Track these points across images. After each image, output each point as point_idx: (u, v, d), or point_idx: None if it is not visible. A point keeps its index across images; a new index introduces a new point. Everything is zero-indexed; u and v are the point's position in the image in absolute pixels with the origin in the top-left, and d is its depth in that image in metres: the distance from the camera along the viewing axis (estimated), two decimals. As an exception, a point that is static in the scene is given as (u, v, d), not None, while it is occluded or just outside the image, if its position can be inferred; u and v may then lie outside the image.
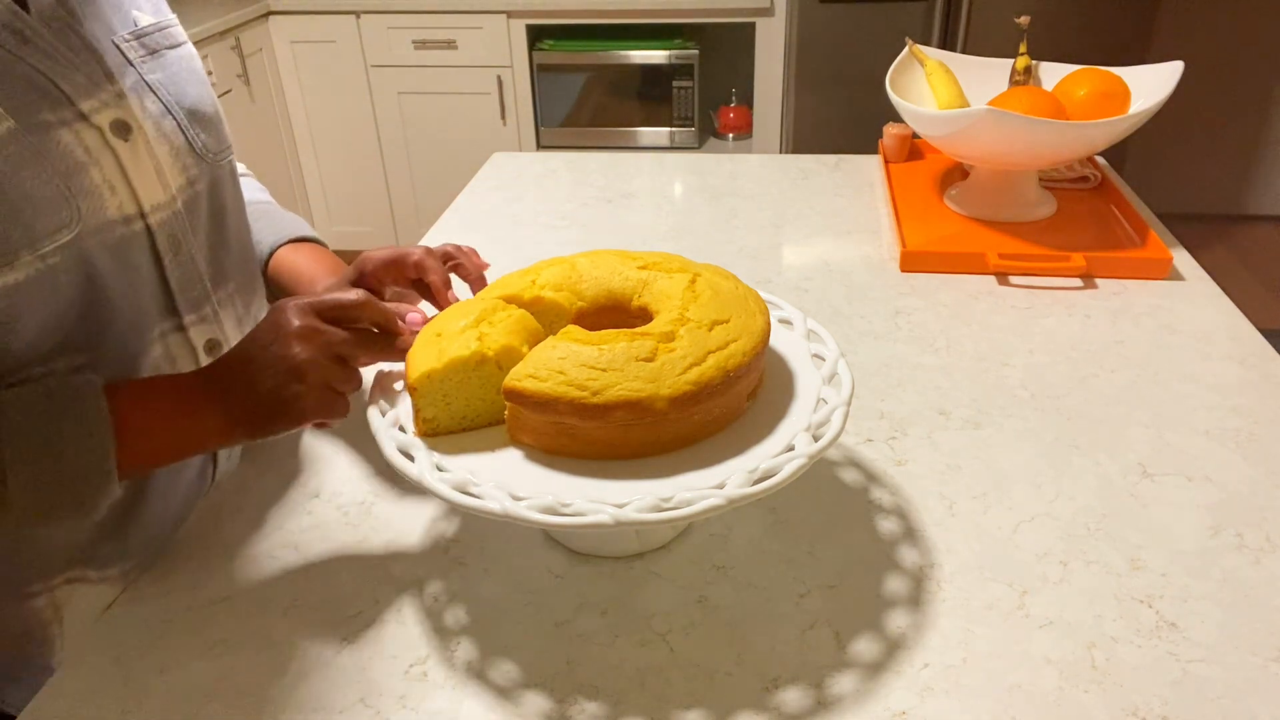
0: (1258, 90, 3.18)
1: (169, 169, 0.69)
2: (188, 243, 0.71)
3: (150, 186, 0.67)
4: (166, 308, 0.70)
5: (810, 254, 1.19)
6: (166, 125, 0.69)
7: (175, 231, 0.69)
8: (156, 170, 0.67)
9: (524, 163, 1.53)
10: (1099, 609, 0.65)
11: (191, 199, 0.71)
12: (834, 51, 2.57)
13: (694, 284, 0.68)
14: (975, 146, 1.14)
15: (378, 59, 2.86)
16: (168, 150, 0.69)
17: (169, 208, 0.69)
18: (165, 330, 0.70)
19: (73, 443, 0.57)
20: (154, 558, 0.72)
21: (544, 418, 0.61)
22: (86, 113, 0.62)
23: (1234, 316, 1.02)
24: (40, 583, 0.69)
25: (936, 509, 0.75)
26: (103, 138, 0.63)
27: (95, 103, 0.63)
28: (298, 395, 0.61)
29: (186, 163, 0.71)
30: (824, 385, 0.67)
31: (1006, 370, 0.93)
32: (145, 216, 0.66)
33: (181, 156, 0.70)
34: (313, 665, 0.63)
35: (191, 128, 0.72)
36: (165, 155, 0.68)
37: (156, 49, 0.71)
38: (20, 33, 0.60)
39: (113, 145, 0.64)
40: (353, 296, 0.64)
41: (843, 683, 0.60)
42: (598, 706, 0.59)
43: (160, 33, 0.72)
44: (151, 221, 0.67)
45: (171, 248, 0.69)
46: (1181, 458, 0.80)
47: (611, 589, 0.68)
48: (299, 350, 0.61)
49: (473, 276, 0.77)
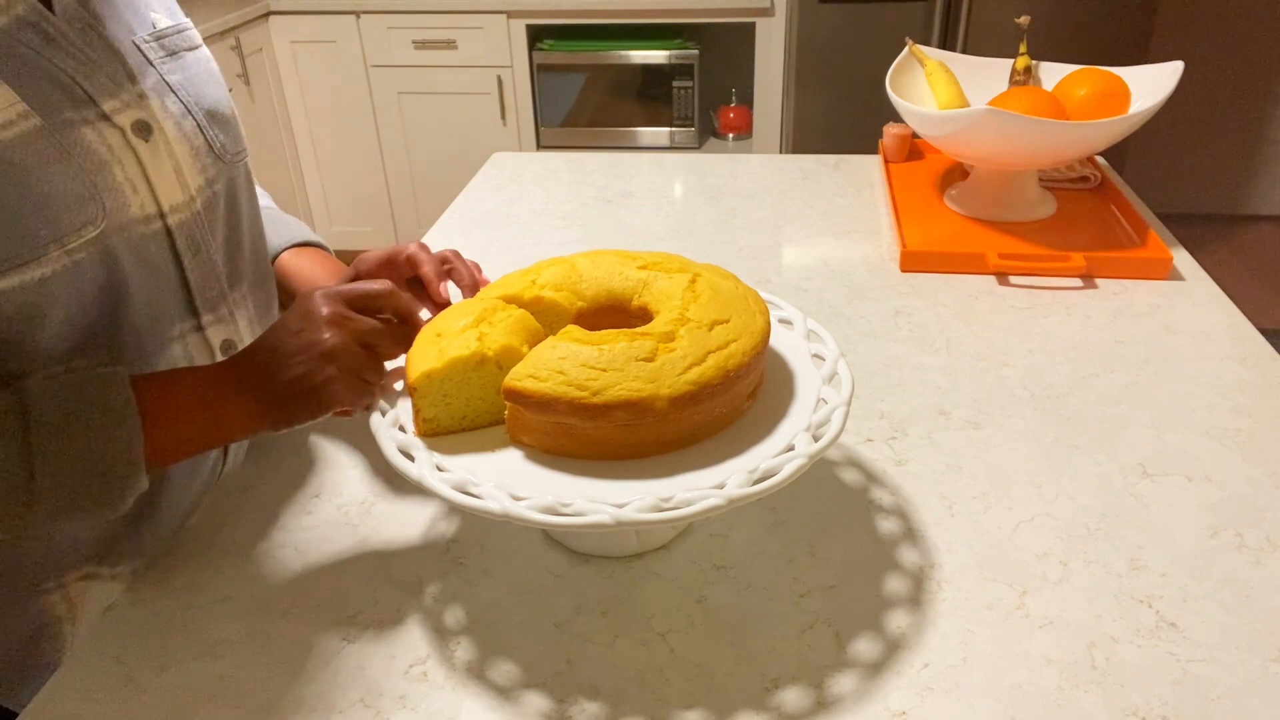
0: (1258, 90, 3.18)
1: (188, 170, 0.69)
2: (206, 243, 0.71)
3: (169, 187, 0.67)
4: (186, 308, 0.70)
5: (810, 254, 1.19)
6: (187, 126, 0.69)
7: (194, 232, 0.70)
8: (176, 171, 0.68)
9: (524, 163, 1.53)
10: (1099, 609, 0.65)
11: (210, 199, 0.72)
12: (834, 51, 2.57)
13: (694, 284, 0.68)
14: (975, 146, 1.14)
15: (378, 59, 2.86)
16: (188, 151, 0.69)
17: (188, 208, 0.69)
18: (185, 330, 0.71)
19: (101, 432, 0.57)
20: (163, 554, 0.73)
21: (544, 418, 0.61)
22: (109, 112, 0.63)
23: (1234, 316, 1.02)
24: (54, 579, 0.69)
25: (936, 509, 0.75)
26: (124, 137, 0.64)
27: (117, 103, 0.63)
28: (329, 380, 0.61)
29: (205, 163, 0.71)
30: (824, 385, 0.67)
31: (1006, 370, 0.93)
32: (165, 217, 0.67)
33: (201, 157, 0.71)
34: (313, 665, 0.63)
35: (211, 128, 0.72)
36: (185, 156, 0.69)
37: (176, 50, 0.71)
38: (45, 33, 0.60)
39: (134, 145, 0.64)
40: (378, 286, 0.66)
41: (843, 683, 0.60)
42: (598, 706, 0.59)
43: (178, 35, 0.72)
44: (171, 222, 0.67)
45: (191, 248, 0.69)
46: (1181, 458, 0.80)
47: (611, 589, 0.68)
48: (329, 336, 0.61)
49: (466, 282, 0.77)
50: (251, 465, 0.82)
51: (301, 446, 0.84)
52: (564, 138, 2.98)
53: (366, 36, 2.82)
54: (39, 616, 0.70)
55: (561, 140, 2.98)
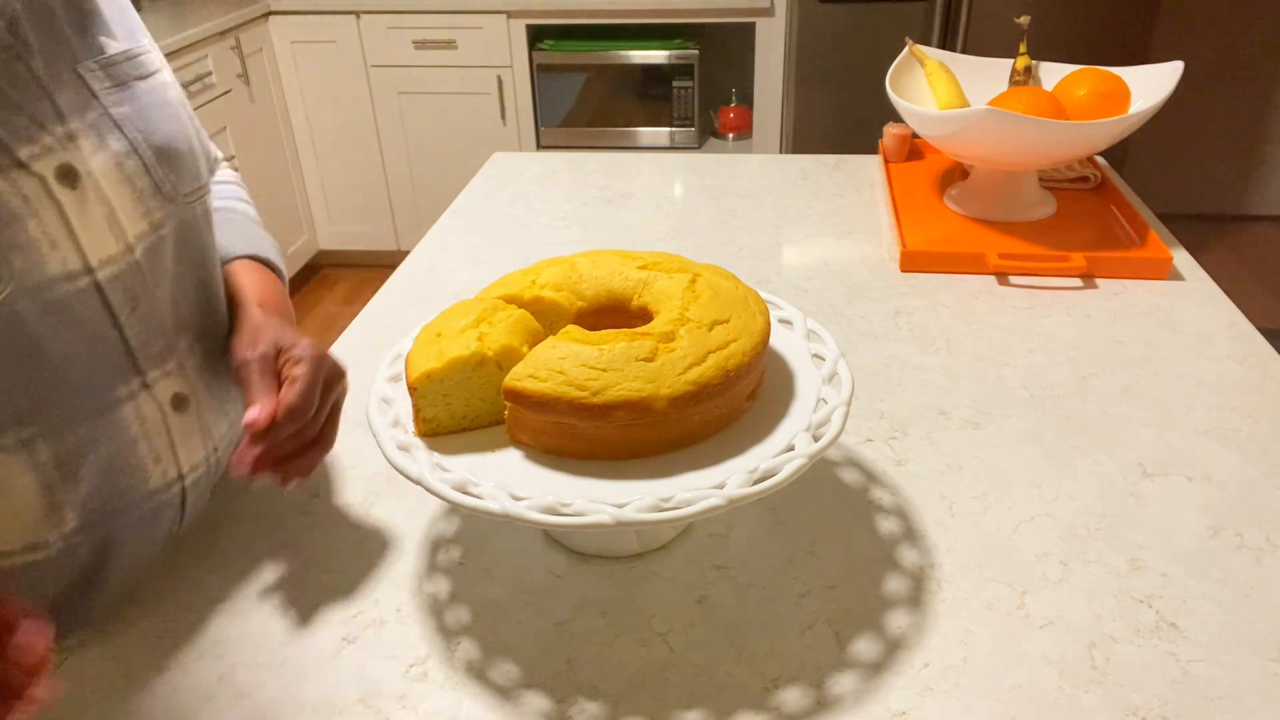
0: (1258, 90, 3.18)
1: (127, 216, 0.61)
2: (148, 296, 0.63)
3: (99, 238, 0.59)
4: (129, 367, 0.63)
5: (810, 254, 1.19)
6: (130, 166, 0.62)
7: (131, 285, 0.62)
8: (109, 219, 0.60)
9: (524, 163, 1.53)
10: (1099, 609, 0.65)
11: (154, 246, 0.64)
12: (834, 51, 2.57)
13: (694, 284, 0.68)
14: (975, 146, 1.14)
15: (378, 59, 2.86)
16: (129, 194, 0.62)
17: (123, 259, 0.61)
18: (134, 390, 0.63)
19: None
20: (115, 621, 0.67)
21: (544, 418, 0.61)
22: (25, 160, 0.55)
23: (1234, 316, 1.02)
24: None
25: (936, 509, 0.75)
26: (44, 187, 0.56)
27: (37, 148, 0.56)
28: None
29: (150, 206, 0.63)
30: (824, 385, 0.67)
31: (1006, 370, 0.93)
32: (93, 272, 0.59)
33: (145, 200, 0.63)
34: (313, 665, 0.63)
35: (160, 168, 0.64)
36: (124, 200, 0.61)
37: (125, 80, 0.64)
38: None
39: (56, 195, 0.57)
40: None
41: (843, 683, 0.60)
42: (598, 706, 0.59)
43: (130, 62, 0.65)
44: (101, 277, 0.60)
45: (128, 303, 0.61)
46: (1181, 458, 0.80)
47: (611, 589, 0.68)
48: None
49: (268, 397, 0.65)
50: (251, 465, 0.82)
51: (301, 446, 0.84)
52: (564, 138, 2.98)
53: (366, 36, 2.82)
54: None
55: (561, 140, 2.98)
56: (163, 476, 0.66)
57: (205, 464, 0.70)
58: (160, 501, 0.67)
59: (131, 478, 0.64)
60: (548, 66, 2.85)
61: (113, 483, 0.63)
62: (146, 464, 0.65)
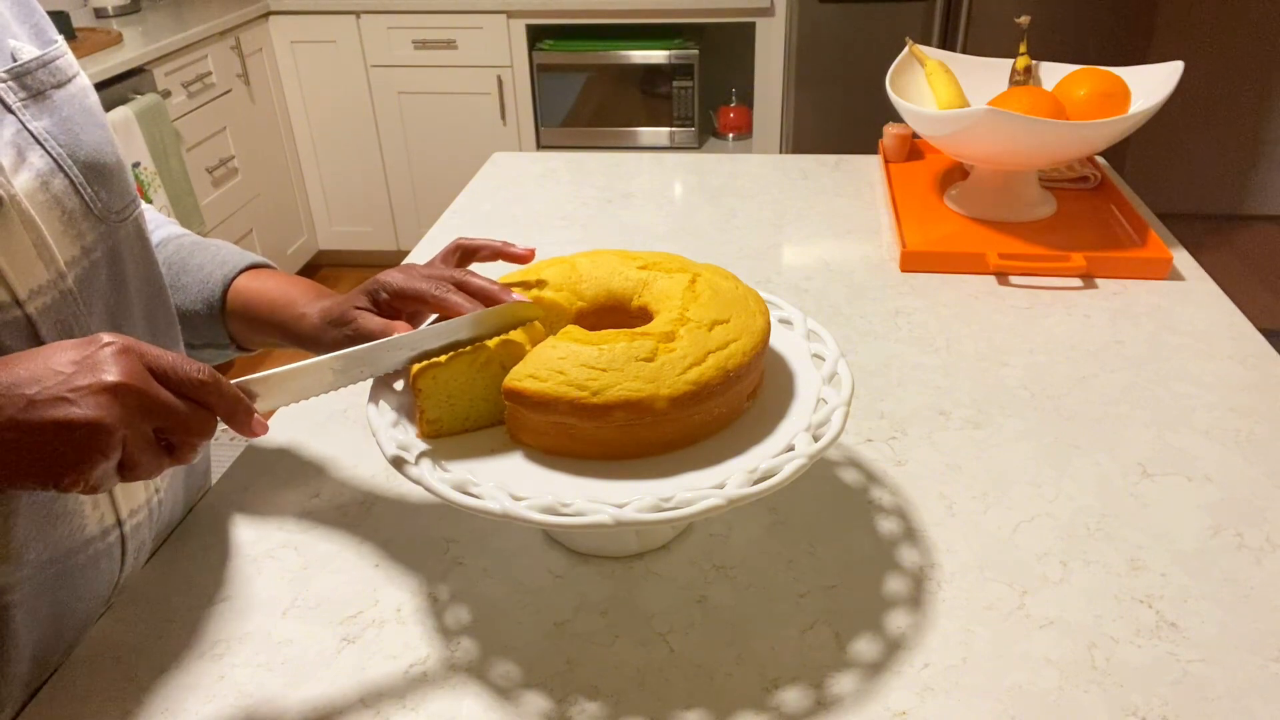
0: (1258, 90, 3.18)
1: (57, 240, 0.57)
2: (83, 325, 0.59)
3: (28, 268, 0.55)
4: None
5: (810, 254, 1.19)
6: (56, 185, 0.57)
7: (64, 315, 0.58)
8: (37, 246, 0.56)
9: (524, 163, 1.53)
10: (1099, 609, 0.65)
11: (87, 271, 0.60)
12: (834, 51, 2.57)
13: (694, 284, 0.68)
14: (975, 146, 1.14)
15: (378, 59, 2.86)
16: (57, 217, 0.57)
17: (55, 288, 0.57)
18: None
19: None
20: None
21: (544, 418, 0.61)
22: None
23: (1234, 316, 1.02)
24: None
25: (936, 509, 0.75)
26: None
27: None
28: (94, 440, 0.47)
29: (82, 229, 0.59)
30: (824, 385, 0.67)
31: (1006, 370, 0.93)
32: (22, 305, 0.55)
33: (76, 222, 0.59)
34: (313, 665, 0.63)
35: (89, 185, 0.60)
36: (53, 224, 0.57)
37: (41, 90, 0.58)
38: None
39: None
40: (197, 374, 0.50)
41: (843, 683, 0.60)
42: (598, 706, 0.59)
43: (45, 68, 0.59)
44: (31, 309, 0.55)
45: (62, 333, 0.57)
46: (1181, 458, 0.80)
47: (611, 589, 0.68)
48: (108, 391, 0.47)
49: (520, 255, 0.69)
50: (250, 466, 0.82)
51: (301, 447, 0.84)
52: (564, 138, 2.98)
53: (366, 36, 2.82)
54: None
55: (561, 140, 2.98)
56: (100, 522, 0.63)
57: (146, 507, 0.67)
58: (98, 550, 0.63)
59: (67, 525, 0.60)
60: (548, 66, 2.85)
61: (46, 531, 0.59)
62: (84, 509, 0.61)
